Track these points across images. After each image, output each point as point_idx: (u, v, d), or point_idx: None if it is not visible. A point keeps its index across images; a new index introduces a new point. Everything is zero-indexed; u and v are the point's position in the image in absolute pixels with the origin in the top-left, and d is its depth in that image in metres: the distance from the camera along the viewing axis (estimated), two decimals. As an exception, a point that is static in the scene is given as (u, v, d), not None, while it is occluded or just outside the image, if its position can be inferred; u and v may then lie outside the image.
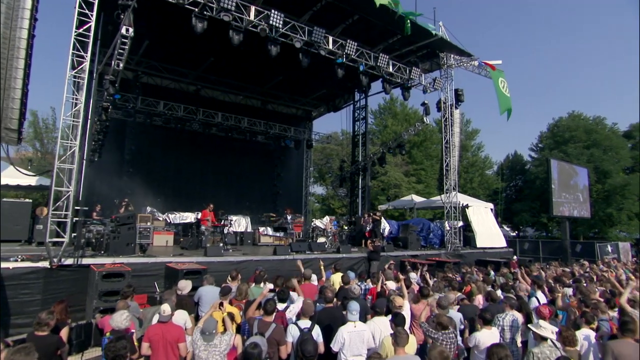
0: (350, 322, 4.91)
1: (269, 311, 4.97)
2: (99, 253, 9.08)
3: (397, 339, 4.18)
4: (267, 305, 5.01)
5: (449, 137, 16.52)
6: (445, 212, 16.04)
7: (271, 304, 5.02)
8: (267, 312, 4.97)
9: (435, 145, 37.18)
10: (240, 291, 6.41)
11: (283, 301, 5.98)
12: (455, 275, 10.87)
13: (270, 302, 5.05)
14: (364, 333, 4.93)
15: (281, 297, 5.98)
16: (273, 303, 5.06)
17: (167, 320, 4.63)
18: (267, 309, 4.98)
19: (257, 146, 21.59)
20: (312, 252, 12.67)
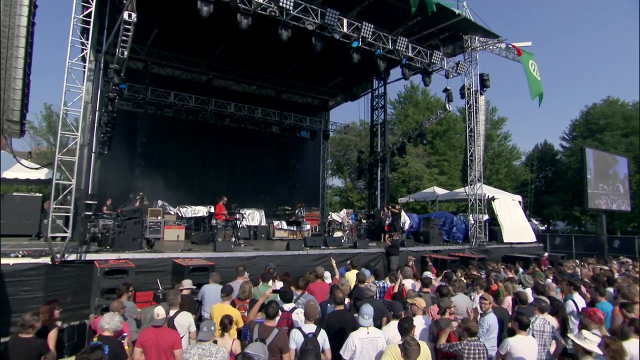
0: (363, 327, 4.45)
1: (271, 315, 4.58)
2: (104, 248, 8.92)
3: (406, 350, 3.70)
4: (269, 308, 4.62)
5: (473, 125, 15.69)
6: (470, 205, 15.29)
7: (274, 307, 4.62)
8: (269, 316, 4.58)
9: (458, 135, 36.00)
10: (244, 290, 6.05)
11: (288, 301, 5.57)
12: (480, 273, 10.26)
13: (273, 305, 4.65)
14: (378, 340, 4.47)
15: (285, 297, 5.57)
16: (276, 306, 4.66)
17: (161, 325, 4.30)
18: (269, 313, 4.59)
19: (272, 137, 21.24)
20: (327, 247, 12.27)
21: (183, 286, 6.19)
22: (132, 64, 16.86)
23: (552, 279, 7.97)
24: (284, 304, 5.51)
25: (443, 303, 5.15)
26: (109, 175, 16.04)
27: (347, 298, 7.00)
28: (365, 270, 7.82)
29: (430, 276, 8.15)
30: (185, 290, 6.18)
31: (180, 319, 4.81)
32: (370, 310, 4.52)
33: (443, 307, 5.15)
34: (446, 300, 5.24)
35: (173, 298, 4.99)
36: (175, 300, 5.00)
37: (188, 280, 6.31)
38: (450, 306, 5.17)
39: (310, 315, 4.62)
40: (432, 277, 8.16)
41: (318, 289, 6.98)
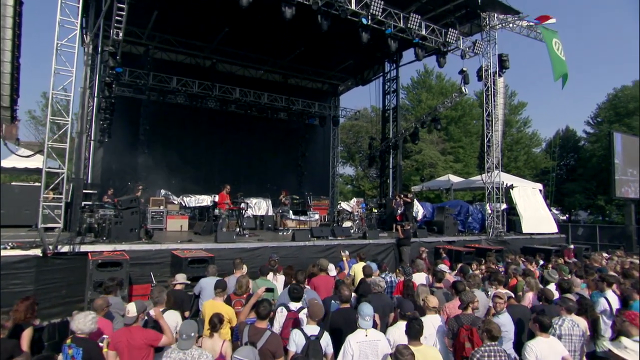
0: (361, 329, 4.02)
1: (262, 315, 4.18)
2: (100, 240, 8.67)
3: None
4: (260, 307, 4.21)
5: (491, 109, 14.94)
6: (487, 194, 14.66)
7: (265, 306, 4.21)
8: (260, 316, 4.18)
9: (475, 121, 34.98)
10: (241, 284, 5.67)
11: (297, 299, 5.15)
12: (497, 266, 9.73)
13: (265, 304, 4.24)
14: (378, 344, 4.04)
15: (294, 295, 5.15)
16: (268, 305, 4.25)
17: (131, 323, 3.94)
18: (260, 312, 4.18)
19: (280, 124, 20.79)
20: (335, 238, 11.86)
21: (176, 280, 5.85)
22: (133, 49, 16.58)
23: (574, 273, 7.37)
24: (291, 303, 5.11)
25: (466, 296, 4.70)
26: (111, 164, 15.89)
27: (353, 293, 6.62)
28: (372, 263, 7.39)
29: (444, 269, 7.65)
30: (178, 285, 5.84)
31: (168, 318, 4.45)
32: (369, 310, 4.08)
33: (465, 301, 4.69)
34: (469, 293, 4.78)
35: (157, 296, 4.63)
36: (160, 298, 4.64)
37: (182, 275, 5.97)
38: (473, 300, 4.71)
39: (314, 315, 4.22)
40: (446, 270, 7.66)
41: (322, 283, 6.58)
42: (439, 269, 7.85)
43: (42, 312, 6.92)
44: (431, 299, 5.00)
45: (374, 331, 4.12)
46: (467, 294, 4.75)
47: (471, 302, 4.68)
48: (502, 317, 4.95)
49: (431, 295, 5.10)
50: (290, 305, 5.09)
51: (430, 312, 4.89)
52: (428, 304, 4.96)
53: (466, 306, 4.65)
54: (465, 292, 4.79)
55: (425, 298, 5.04)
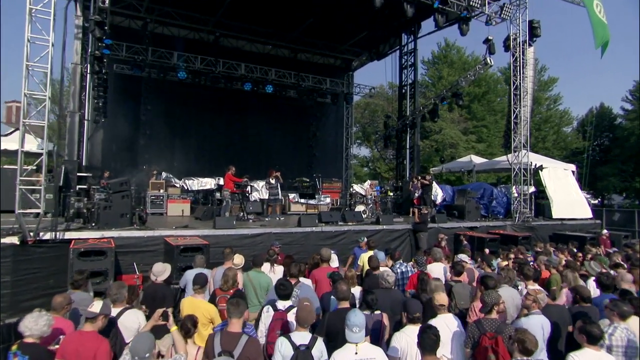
0: (350, 344, 3.33)
1: (234, 314, 3.52)
2: (88, 226, 8.22)
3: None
4: (229, 304, 3.56)
5: (519, 82, 13.77)
6: (513, 175, 13.65)
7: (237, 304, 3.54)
8: (234, 315, 3.52)
9: (499, 99, 33.36)
10: (227, 278, 5.06)
11: (286, 297, 4.53)
12: (525, 256, 8.89)
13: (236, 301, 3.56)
14: (373, 363, 3.34)
15: (281, 292, 4.53)
16: (243, 305, 3.59)
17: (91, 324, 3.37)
18: (232, 311, 3.53)
19: (289, 102, 19.95)
20: (346, 223, 11.21)
21: (154, 272, 5.27)
22: (132, 23, 15.93)
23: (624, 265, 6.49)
24: (279, 301, 4.48)
25: (489, 297, 3.95)
26: (112, 146, 15.51)
27: (359, 287, 5.96)
28: (379, 253, 6.68)
29: (465, 260, 6.87)
30: (159, 277, 5.27)
31: (127, 319, 3.87)
32: (359, 321, 3.37)
33: (489, 304, 3.95)
34: (493, 294, 4.02)
35: (116, 293, 4.03)
36: (119, 296, 4.04)
37: (166, 265, 5.37)
38: (498, 302, 3.97)
39: (303, 320, 3.55)
40: (468, 260, 6.88)
41: (323, 276, 5.91)
42: (459, 258, 7.09)
43: (21, 305, 6.55)
44: (440, 296, 4.29)
45: (368, 347, 3.42)
46: (491, 294, 3.99)
47: (496, 304, 3.93)
48: (534, 319, 4.21)
49: (441, 294, 4.36)
50: (278, 303, 4.46)
51: (442, 311, 4.18)
52: (436, 302, 4.25)
53: (490, 309, 3.91)
54: (489, 293, 4.02)
55: (433, 297, 4.33)
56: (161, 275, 5.37)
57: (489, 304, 3.88)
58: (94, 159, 15.08)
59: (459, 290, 5.56)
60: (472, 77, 14.71)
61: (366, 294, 4.77)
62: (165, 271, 5.46)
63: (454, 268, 6.09)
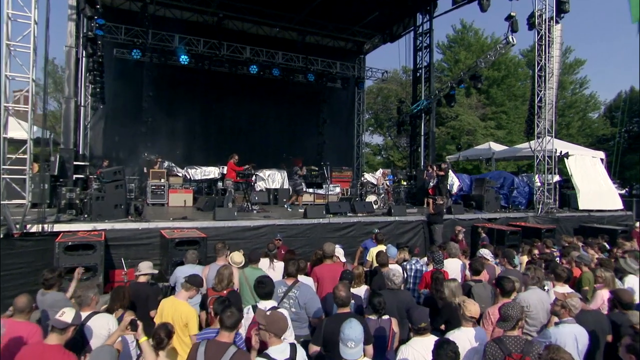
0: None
1: (227, 324, 3.06)
2: (80, 218, 7.89)
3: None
4: (223, 314, 3.10)
5: (544, 62, 12.90)
6: (536, 163, 12.89)
7: (233, 313, 3.10)
8: (226, 326, 3.06)
9: (520, 83, 32.13)
10: (221, 277, 4.63)
11: (266, 296, 4.07)
12: (551, 250, 8.26)
13: (232, 310, 3.12)
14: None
15: (261, 290, 4.07)
16: (236, 311, 3.13)
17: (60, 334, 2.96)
18: (225, 322, 3.07)
19: (297, 87, 19.36)
20: (355, 214, 10.70)
21: (140, 270, 4.87)
22: (133, 5, 15.49)
23: None
24: (261, 302, 4.03)
25: (512, 311, 3.37)
26: (113, 134, 15.22)
27: (365, 286, 5.48)
28: (391, 249, 6.15)
29: (487, 256, 6.29)
30: (142, 276, 4.86)
31: (95, 324, 3.45)
32: (355, 334, 2.87)
33: (513, 318, 3.36)
34: (516, 306, 3.44)
35: (82, 295, 3.61)
36: (85, 298, 3.61)
37: (147, 263, 4.97)
38: (522, 317, 3.40)
39: (278, 331, 3.06)
40: (489, 257, 6.30)
41: (327, 273, 5.44)
42: (479, 254, 6.49)
43: (6, 301, 6.24)
44: (473, 307, 3.72)
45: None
46: (515, 307, 3.39)
47: (519, 319, 3.36)
48: (566, 329, 3.66)
49: (470, 302, 3.80)
50: (260, 304, 3.99)
51: (467, 324, 3.65)
52: (465, 312, 3.68)
53: (514, 325, 3.33)
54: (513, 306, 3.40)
55: (464, 303, 3.76)
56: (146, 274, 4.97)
57: (513, 318, 3.30)
58: (96, 148, 14.83)
59: (480, 292, 5.04)
60: (493, 57, 13.90)
61: (372, 295, 4.27)
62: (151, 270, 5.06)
63: (473, 266, 5.53)
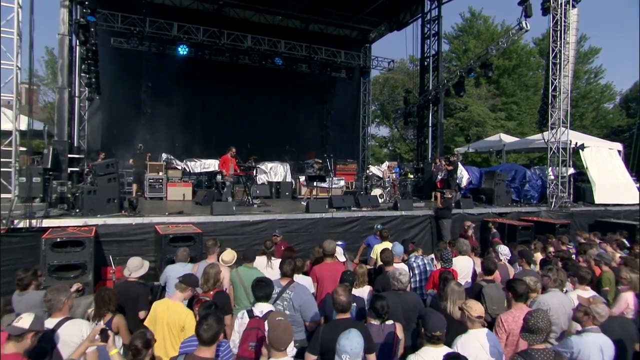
0: None
1: (204, 339, 2.74)
2: (72, 212, 7.64)
3: None
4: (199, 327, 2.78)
5: (559, 48, 12.38)
6: (549, 155, 12.43)
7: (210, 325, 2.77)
8: (203, 341, 2.75)
9: (532, 72, 31.38)
10: (207, 277, 4.35)
11: (264, 298, 3.78)
12: (567, 247, 7.89)
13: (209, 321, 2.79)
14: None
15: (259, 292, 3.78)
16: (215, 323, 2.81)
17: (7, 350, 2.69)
18: (202, 336, 2.74)
19: (301, 77, 18.98)
20: (360, 209, 10.36)
21: (129, 267, 4.59)
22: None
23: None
24: (257, 304, 3.73)
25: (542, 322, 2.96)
26: (112, 126, 14.97)
27: (368, 287, 5.16)
28: (397, 246, 5.80)
29: (505, 253, 5.91)
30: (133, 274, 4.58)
31: (67, 332, 3.17)
32: (352, 346, 2.57)
33: (542, 331, 2.97)
34: (545, 317, 3.05)
35: (53, 299, 3.31)
36: (56, 303, 3.32)
37: (136, 259, 4.69)
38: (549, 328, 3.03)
39: (278, 343, 2.76)
40: (505, 255, 5.93)
41: (327, 273, 5.12)
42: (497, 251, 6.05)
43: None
44: (474, 304, 3.43)
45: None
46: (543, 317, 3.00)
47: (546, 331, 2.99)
48: (590, 338, 3.31)
49: (473, 302, 3.50)
50: (255, 308, 3.69)
51: (475, 325, 3.33)
52: (470, 312, 3.38)
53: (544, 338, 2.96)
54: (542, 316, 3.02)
55: (466, 304, 3.46)
56: (136, 271, 4.72)
57: (543, 331, 2.92)
58: (93, 141, 14.59)
59: (492, 293, 4.69)
60: (505, 44, 13.37)
61: (375, 299, 3.95)
62: (142, 267, 4.80)
63: (485, 264, 5.18)
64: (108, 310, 3.65)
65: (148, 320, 3.85)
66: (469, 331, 3.36)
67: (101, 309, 3.64)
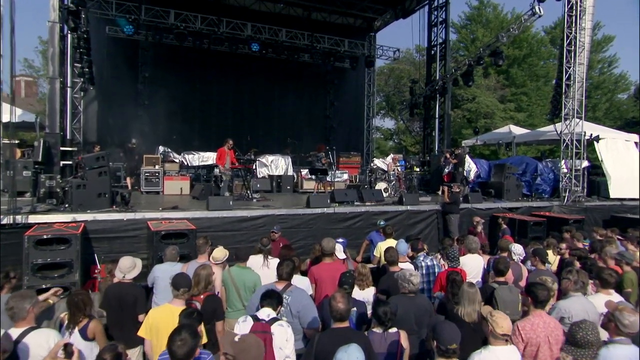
0: None
1: (178, 357, 2.43)
2: (60, 208, 7.38)
3: None
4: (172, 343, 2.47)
5: (574, 34, 11.89)
6: (563, 147, 12.01)
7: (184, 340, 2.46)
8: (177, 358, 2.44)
9: (543, 62, 30.67)
10: (198, 279, 4.06)
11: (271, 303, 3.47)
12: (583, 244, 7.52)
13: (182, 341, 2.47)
14: None
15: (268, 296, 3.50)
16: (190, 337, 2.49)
17: None
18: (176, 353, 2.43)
19: (303, 68, 18.58)
20: (363, 203, 10.04)
21: (121, 267, 4.29)
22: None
23: None
24: (263, 309, 3.41)
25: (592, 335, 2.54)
26: (108, 118, 14.71)
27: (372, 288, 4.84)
28: (401, 244, 5.48)
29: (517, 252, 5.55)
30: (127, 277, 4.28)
31: (32, 342, 2.88)
32: None
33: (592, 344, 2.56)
34: (593, 328, 2.67)
35: (15, 306, 3.01)
36: (19, 311, 3.02)
37: (128, 259, 4.38)
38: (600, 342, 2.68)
39: None
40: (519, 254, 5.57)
41: (326, 273, 4.81)
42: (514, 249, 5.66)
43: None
44: (501, 319, 3.05)
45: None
46: (592, 330, 2.63)
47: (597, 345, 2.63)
48: (619, 351, 2.98)
49: (502, 315, 3.12)
50: (260, 312, 3.39)
51: (499, 342, 2.99)
52: (495, 328, 3.01)
53: (595, 354, 2.60)
54: (587, 328, 2.64)
55: (492, 316, 3.09)
56: (130, 272, 4.38)
57: (593, 344, 2.56)
58: (89, 133, 14.34)
59: (504, 296, 4.35)
60: (516, 31, 12.87)
61: (378, 304, 3.64)
62: (136, 267, 4.46)
63: (497, 265, 4.83)
64: (83, 316, 3.36)
65: (146, 330, 3.51)
66: (489, 347, 3.00)
67: (75, 315, 3.35)
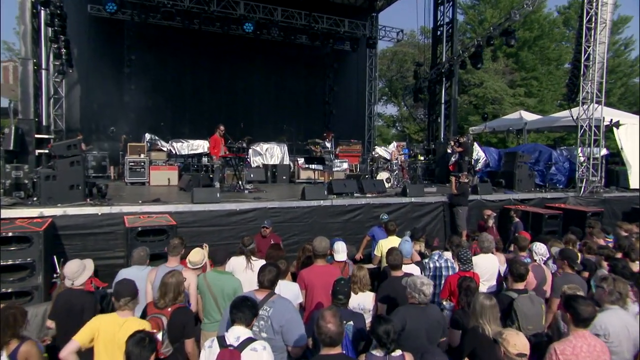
0: None
1: None
2: (28, 201, 6.83)
3: None
4: None
5: (594, 10, 11.15)
6: (580, 134, 11.37)
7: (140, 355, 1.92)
8: None
9: (555, 45, 29.75)
10: (165, 289, 3.51)
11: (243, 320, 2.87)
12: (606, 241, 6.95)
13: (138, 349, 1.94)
14: None
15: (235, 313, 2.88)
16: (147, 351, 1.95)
17: None
18: None
19: (301, 50, 17.93)
20: (364, 195, 9.47)
21: (76, 276, 3.74)
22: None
23: None
24: (233, 328, 2.84)
25: None
26: (92, 104, 14.10)
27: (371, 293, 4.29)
28: (405, 244, 4.90)
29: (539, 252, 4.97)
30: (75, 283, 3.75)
31: None
32: None
33: None
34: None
35: None
36: None
37: (75, 262, 3.84)
38: None
39: None
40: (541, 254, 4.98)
41: (318, 278, 4.24)
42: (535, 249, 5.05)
43: None
44: (513, 336, 2.58)
45: None
46: None
47: None
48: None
49: (513, 333, 2.63)
50: (229, 334, 2.82)
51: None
52: (508, 349, 2.54)
53: None
54: None
55: (502, 337, 2.60)
56: (78, 277, 3.88)
57: None
58: (73, 120, 13.76)
59: (525, 308, 3.77)
60: (530, 7, 12.17)
61: (378, 322, 3.06)
62: (85, 270, 3.96)
63: (515, 268, 4.20)
64: (13, 336, 2.82)
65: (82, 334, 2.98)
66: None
67: (5, 336, 2.81)
